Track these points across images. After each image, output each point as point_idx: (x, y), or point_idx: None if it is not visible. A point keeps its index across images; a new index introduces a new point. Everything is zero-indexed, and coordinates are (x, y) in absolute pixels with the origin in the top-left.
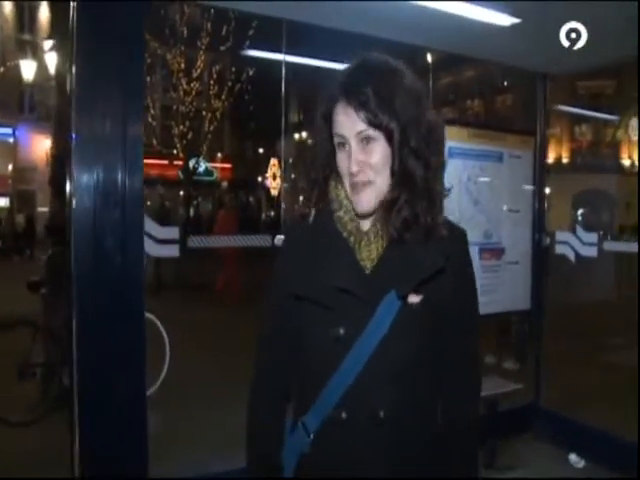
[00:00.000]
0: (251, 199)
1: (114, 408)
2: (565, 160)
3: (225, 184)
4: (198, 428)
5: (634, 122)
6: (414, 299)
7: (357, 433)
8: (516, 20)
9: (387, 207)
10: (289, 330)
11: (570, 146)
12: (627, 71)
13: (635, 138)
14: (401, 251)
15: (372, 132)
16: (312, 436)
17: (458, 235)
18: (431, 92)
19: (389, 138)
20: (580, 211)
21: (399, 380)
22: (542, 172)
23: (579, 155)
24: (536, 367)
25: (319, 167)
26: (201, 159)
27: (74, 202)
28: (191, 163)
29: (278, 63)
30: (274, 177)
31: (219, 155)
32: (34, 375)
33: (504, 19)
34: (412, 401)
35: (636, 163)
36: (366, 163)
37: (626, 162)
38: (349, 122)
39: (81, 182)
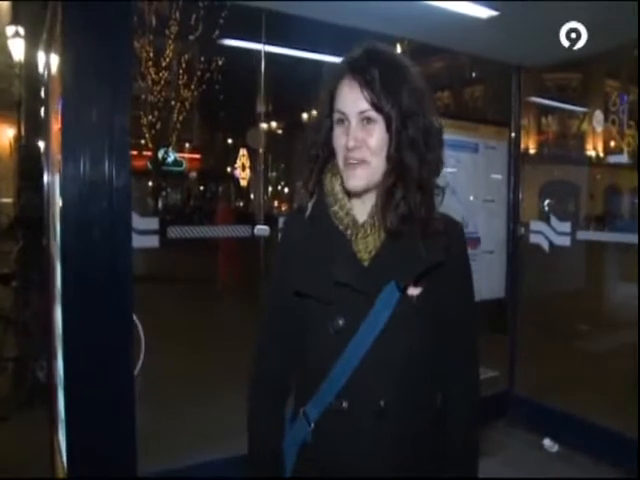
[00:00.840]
0: (220, 189)
1: (101, 402)
2: (532, 151)
3: (193, 174)
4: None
5: (598, 115)
6: (414, 291)
7: (358, 422)
8: (494, 12)
9: (384, 201)
10: (289, 321)
11: (538, 137)
12: (591, 64)
13: (599, 130)
14: (399, 244)
15: (373, 114)
16: (313, 425)
17: (455, 228)
18: None
19: (388, 124)
20: (547, 201)
21: (399, 370)
22: (517, 163)
23: (546, 146)
24: (510, 354)
25: (318, 146)
26: (170, 149)
27: (62, 193)
28: (160, 153)
29: (248, 53)
30: (243, 167)
31: (187, 145)
32: (5, 369)
33: (482, 11)
34: (412, 391)
35: (601, 154)
36: (364, 142)
37: (590, 153)
38: (352, 99)
39: (68, 173)
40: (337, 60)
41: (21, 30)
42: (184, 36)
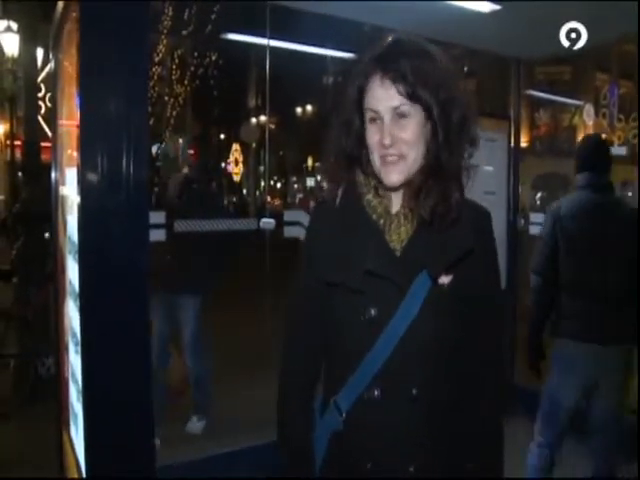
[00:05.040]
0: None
1: (119, 398)
2: (525, 144)
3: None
4: None
5: (589, 108)
6: (445, 279)
7: (391, 411)
8: (496, 7)
9: (418, 190)
10: (319, 312)
11: (530, 131)
12: (583, 57)
13: (590, 123)
14: (430, 233)
15: (407, 108)
16: (344, 415)
17: (483, 216)
18: None
19: (428, 114)
20: (539, 194)
21: (431, 359)
22: (517, 155)
23: (538, 139)
24: (511, 345)
25: (348, 145)
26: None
27: (80, 188)
28: (153, 149)
29: (243, 47)
30: (236, 162)
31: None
32: (7, 366)
33: (484, 5)
34: (444, 379)
35: None
36: (399, 138)
37: None
38: (385, 96)
39: (86, 168)
40: (343, 54)
41: (13, 25)
42: (177, 31)
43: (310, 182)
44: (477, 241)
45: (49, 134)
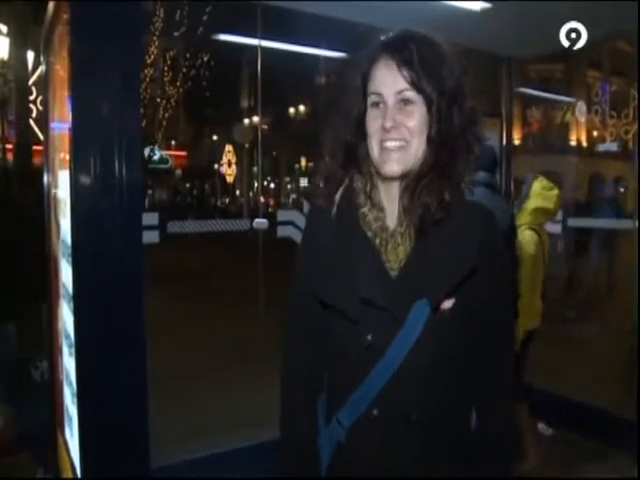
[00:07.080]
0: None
1: (114, 399)
2: (517, 142)
3: (179, 172)
4: None
5: (581, 106)
6: (446, 304)
7: (388, 431)
8: (487, 5)
9: (412, 187)
10: (313, 324)
11: (523, 129)
12: (574, 55)
13: (582, 120)
14: (430, 251)
15: (412, 94)
16: (346, 432)
17: (486, 217)
18: None
19: (429, 105)
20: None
21: (431, 385)
22: (509, 152)
23: (530, 137)
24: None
25: (348, 134)
26: (156, 147)
27: (72, 190)
28: (146, 151)
29: (234, 48)
30: (229, 164)
31: (173, 143)
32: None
33: (475, 4)
34: (444, 405)
35: (584, 144)
36: (402, 124)
37: (574, 143)
38: (389, 79)
39: (79, 170)
40: (336, 54)
41: (3, 28)
42: (169, 32)
43: (304, 182)
44: (482, 252)
45: (41, 137)
